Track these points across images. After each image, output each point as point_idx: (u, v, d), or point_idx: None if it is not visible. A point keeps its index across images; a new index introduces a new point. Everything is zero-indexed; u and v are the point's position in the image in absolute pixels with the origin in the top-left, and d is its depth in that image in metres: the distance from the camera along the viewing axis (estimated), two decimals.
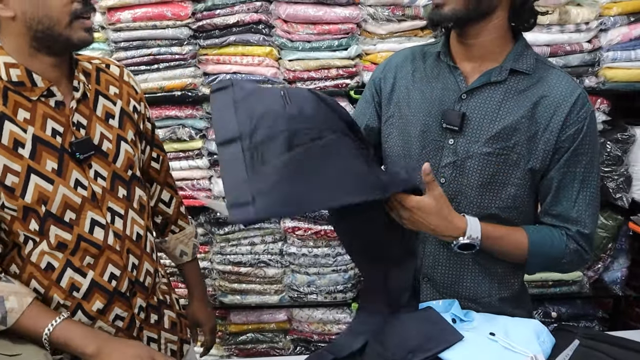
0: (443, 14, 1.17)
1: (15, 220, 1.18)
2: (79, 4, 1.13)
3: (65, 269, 1.23)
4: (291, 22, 2.13)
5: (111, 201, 1.27)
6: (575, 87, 1.22)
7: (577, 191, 1.23)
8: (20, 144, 1.15)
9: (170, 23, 2.14)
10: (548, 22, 2.16)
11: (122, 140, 1.30)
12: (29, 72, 1.16)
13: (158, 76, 2.22)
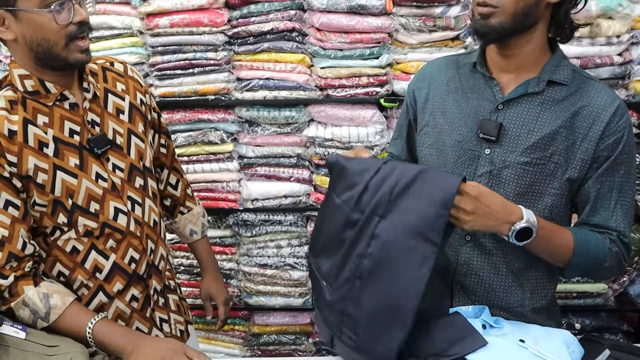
0: (490, 25, 1.19)
1: (44, 216, 1.27)
2: (74, 27, 1.20)
3: (90, 252, 1.33)
4: (324, 31, 2.17)
5: (130, 191, 1.38)
6: (614, 98, 1.23)
7: (615, 201, 1.25)
8: (45, 144, 1.24)
9: (206, 29, 2.19)
10: (579, 35, 2.16)
11: (132, 133, 1.40)
12: (41, 82, 1.25)
13: (192, 80, 2.27)
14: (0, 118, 1.19)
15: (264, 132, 2.32)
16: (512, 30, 1.19)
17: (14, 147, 1.20)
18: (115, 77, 1.42)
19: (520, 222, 1.14)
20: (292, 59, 2.22)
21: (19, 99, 1.23)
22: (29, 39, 1.18)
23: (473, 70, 1.33)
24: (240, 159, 2.39)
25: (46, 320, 1.23)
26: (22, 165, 1.21)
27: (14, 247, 1.22)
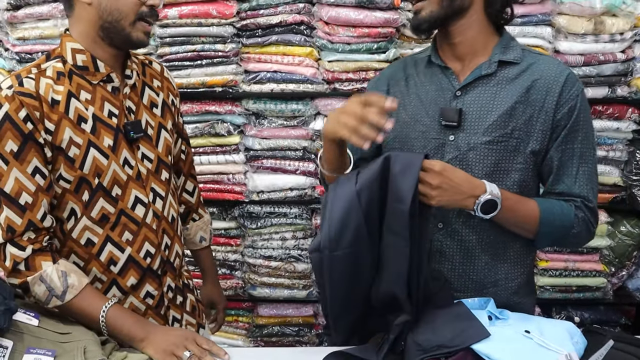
0: (422, 18, 1.26)
1: (67, 193, 1.27)
2: (147, 8, 1.24)
3: (106, 244, 1.32)
4: (332, 24, 2.19)
5: (154, 182, 1.38)
6: (564, 68, 1.29)
7: (577, 167, 1.29)
8: (84, 119, 1.25)
9: (215, 21, 2.20)
10: (583, 32, 2.19)
11: (162, 128, 1.42)
12: (93, 59, 1.27)
13: (200, 72, 2.28)
14: (46, 86, 1.22)
15: (270, 124, 2.34)
16: (444, 16, 1.26)
17: (54, 116, 1.21)
18: (152, 74, 1.46)
19: (484, 195, 1.18)
20: (300, 52, 2.24)
21: (66, 72, 1.26)
22: (104, 5, 1.22)
23: (429, 64, 1.38)
24: (246, 151, 2.41)
25: (61, 298, 1.22)
26: (57, 135, 1.22)
27: (34, 216, 1.21)
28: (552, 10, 2.18)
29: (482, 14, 1.29)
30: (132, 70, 1.35)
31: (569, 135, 1.27)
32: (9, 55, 2.35)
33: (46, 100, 1.20)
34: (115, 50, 1.29)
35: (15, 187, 1.20)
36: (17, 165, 1.19)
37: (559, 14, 2.20)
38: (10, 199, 1.20)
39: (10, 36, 2.33)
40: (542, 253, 2.47)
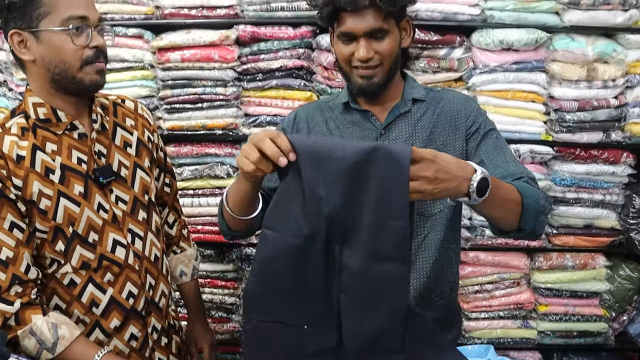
0: (375, 84, 1.36)
1: (45, 243, 1.27)
2: (90, 51, 1.25)
3: (87, 285, 1.32)
4: (331, 69, 2.23)
5: (131, 223, 1.38)
6: (462, 94, 1.49)
7: (504, 154, 1.38)
8: (51, 170, 1.26)
9: (216, 65, 2.24)
10: (577, 78, 2.24)
11: (138, 167, 1.43)
12: (53, 110, 1.28)
13: (201, 115, 2.31)
14: (10, 143, 1.23)
15: None
16: (389, 80, 1.39)
17: (20, 172, 1.22)
18: (125, 113, 1.46)
19: (476, 174, 1.06)
20: (300, 96, 2.28)
21: (30, 127, 1.27)
22: (47, 59, 1.23)
23: (346, 109, 1.47)
24: None
25: (52, 351, 1.22)
26: (26, 189, 1.23)
27: (18, 270, 1.22)
28: (546, 58, 2.24)
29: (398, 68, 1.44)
30: (97, 114, 1.35)
31: (485, 136, 1.40)
32: (12, 95, 2.37)
33: (11, 157, 1.22)
34: (74, 97, 1.30)
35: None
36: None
37: (552, 61, 2.25)
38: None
39: (14, 77, 2.35)
40: (542, 297, 2.45)
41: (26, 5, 1.19)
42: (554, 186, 2.34)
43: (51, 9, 1.20)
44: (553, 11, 2.20)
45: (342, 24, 1.33)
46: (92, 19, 1.25)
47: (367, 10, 1.29)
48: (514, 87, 2.27)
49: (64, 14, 1.21)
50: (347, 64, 1.37)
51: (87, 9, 1.25)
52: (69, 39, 1.21)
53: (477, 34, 2.22)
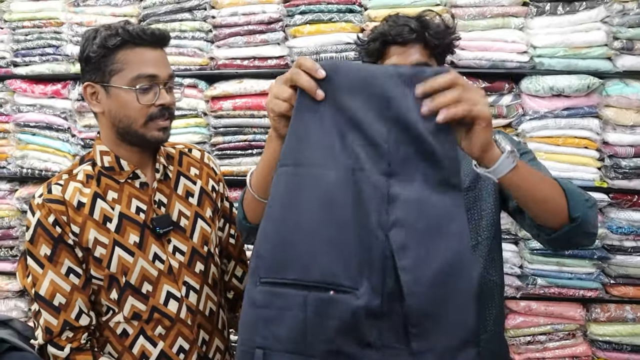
0: None
1: (101, 290, 1.29)
2: (155, 109, 1.27)
3: (138, 337, 1.31)
4: None
5: (187, 275, 1.35)
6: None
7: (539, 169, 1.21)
8: (109, 219, 1.29)
9: (266, 113, 2.30)
10: (632, 124, 2.19)
11: (199, 217, 1.40)
12: (117, 159, 1.32)
13: (251, 161, 2.37)
14: (74, 190, 1.28)
15: None
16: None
17: (79, 218, 1.26)
18: (190, 162, 1.47)
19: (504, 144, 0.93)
20: None
21: (95, 174, 1.31)
22: (114, 113, 1.27)
23: None
24: None
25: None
26: (83, 236, 1.26)
27: (69, 316, 1.25)
28: (598, 103, 2.20)
29: None
30: (160, 164, 1.37)
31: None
32: (74, 141, 2.51)
33: (71, 204, 1.26)
34: (138, 148, 1.32)
35: (50, 289, 1.25)
36: (51, 267, 1.25)
37: (606, 107, 2.21)
38: (46, 301, 1.25)
39: (78, 124, 2.49)
40: (600, 350, 2.34)
41: (101, 61, 1.25)
42: (610, 234, 2.26)
43: (123, 66, 1.24)
44: (605, 57, 2.17)
45: (389, 58, 1.32)
46: (162, 76, 1.28)
47: (414, 46, 1.30)
48: (566, 133, 2.23)
49: (135, 72, 1.24)
50: None
51: (157, 68, 1.27)
52: (136, 97, 1.25)
53: (526, 81, 2.21)
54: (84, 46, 1.27)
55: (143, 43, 1.26)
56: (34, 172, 2.57)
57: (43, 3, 2.48)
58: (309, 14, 2.26)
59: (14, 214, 2.62)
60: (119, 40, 1.23)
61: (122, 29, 1.23)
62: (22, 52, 2.52)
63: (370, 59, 1.36)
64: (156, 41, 1.28)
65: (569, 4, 2.16)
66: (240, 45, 2.32)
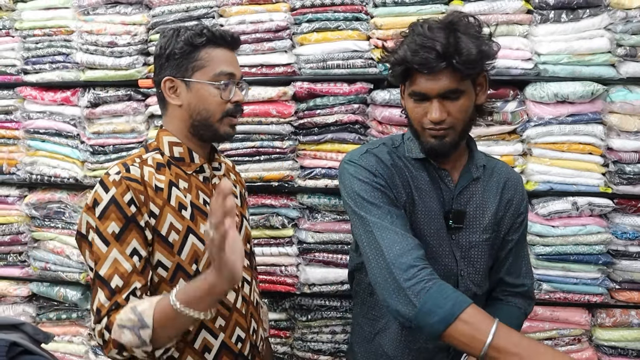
0: (446, 144, 1.29)
1: (162, 282, 1.29)
2: (231, 105, 1.36)
3: (200, 330, 1.33)
4: (385, 124, 2.28)
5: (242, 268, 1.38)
6: (514, 171, 1.52)
7: (524, 247, 1.52)
8: (184, 207, 1.33)
9: (274, 120, 2.33)
10: (636, 130, 2.20)
11: (243, 217, 1.51)
12: (189, 151, 1.38)
13: (258, 167, 2.39)
14: (149, 173, 1.31)
15: (323, 218, 2.39)
16: (461, 140, 1.33)
17: (158, 201, 1.29)
18: (229, 168, 1.58)
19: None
20: None
21: (165, 163, 1.36)
22: (193, 106, 1.35)
23: (419, 163, 1.38)
24: (299, 244, 2.45)
25: (146, 326, 1.14)
26: (160, 220, 1.28)
27: (121, 297, 1.19)
28: (602, 109, 2.22)
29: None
30: (220, 162, 1.47)
31: (523, 223, 1.47)
32: (83, 148, 2.53)
33: (150, 185, 1.29)
34: (204, 143, 1.41)
35: (111, 270, 1.21)
36: (117, 246, 1.22)
37: (610, 113, 2.23)
38: (104, 282, 1.21)
39: (87, 130, 2.52)
40: (605, 356, 2.35)
41: (184, 57, 1.34)
42: (615, 239, 2.27)
43: (206, 63, 1.34)
44: (609, 63, 2.19)
45: (414, 83, 1.26)
46: (238, 75, 1.39)
47: (443, 72, 1.22)
48: (570, 139, 2.25)
49: (216, 69, 1.34)
50: (419, 123, 1.31)
51: (234, 67, 1.38)
52: (217, 92, 1.34)
53: (530, 87, 2.23)
54: (165, 43, 1.35)
55: (223, 44, 1.37)
56: (43, 178, 2.59)
57: (54, 12, 2.51)
58: (316, 22, 2.29)
59: (23, 220, 2.65)
60: (204, 39, 1.34)
61: (207, 30, 1.35)
62: (33, 60, 2.55)
63: (397, 82, 1.33)
64: (233, 43, 1.40)
65: (572, 12, 2.18)
66: (247, 53, 2.35)
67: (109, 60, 2.44)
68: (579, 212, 2.24)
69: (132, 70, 2.43)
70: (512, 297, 1.51)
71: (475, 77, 1.28)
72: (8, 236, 2.66)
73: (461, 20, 1.24)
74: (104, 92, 2.48)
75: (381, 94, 2.25)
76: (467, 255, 1.39)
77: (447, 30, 1.21)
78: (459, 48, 1.19)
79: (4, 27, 2.57)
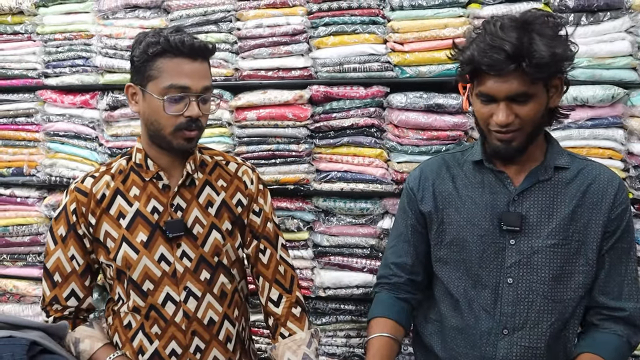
0: (514, 148, 1.27)
1: (115, 279, 1.39)
2: (184, 119, 1.30)
3: (138, 332, 1.38)
4: (402, 127, 2.27)
5: (190, 281, 1.37)
6: (614, 174, 1.37)
7: (626, 265, 1.35)
8: (123, 215, 1.36)
9: (290, 123, 2.33)
10: None
11: (214, 227, 1.42)
12: (145, 157, 1.38)
13: (274, 170, 2.39)
14: (103, 183, 1.38)
15: (339, 222, 2.38)
16: (528, 144, 1.29)
17: (97, 210, 1.36)
18: (221, 174, 1.48)
19: None
20: (370, 154, 2.32)
21: (126, 169, 1.40)
22: (147, 116, 1.34)
23: (477, 167, 1.39)
24: (314, 248, 2.44)
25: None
26: (97, 228, 1.36)
27: (60, 293, 1.38)
28: (623, 114, 2.18)
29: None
30: (186, 170, 1.39)
31: (621, 236, 1.33)
32: (102, 150, 2.56)
33: (95, 197, 1.36)
34: (165, 151, 1.37)
35: (54, 265, 1.40)
36: (61, 247, 1.38)
37: (630, 117, 2.19)
38: (48, 274, 1.40)
39: (105, 133, 2.55)
40: None
41: (141, 65, 1.31)
42: (637, 246, 2.23)
43: (159, 74, 1.29)
44: (630, 67, 2.16)
45: (482, 84, 1.22)
46: (194, 89, 1.30)
47: (512, 74, 1.17)
48: (590, 143, 2.21)
49: (167, 82, 1.28)
50: (485, 124, 1.28)
51: (191, 80, 1.29)
52: (162, 106, 1.29)
53: None
54: (132, 48, 1.35)
55: (181, 54, 1.29)
56: (62, 180, 2.62)
57: (74, 16, 2.54)
58: (332, 25, 2.29)
59: (42, 221, 2.68)
60: (158, 48, 1.28)
61: (164, 38, 1.28)
62: (53, 64, 2.59)
63: (465, 81, 1.31)
64: (195, 53, 1.30)
65: (592, 15, 2.15)
66: (264, 56, 2.36)
67: (127, 64, 2.42)
68: None
69: None
70: (610, 323, 1.35)
71: (549, 80, 1.23)
72: (28, 237, 2.70)
73: (537, 20, 1.18)
74: (123, 96, 2.50)
75: (398, 97, 2.24)
76: (529, 261, 1.32)
77: (520, 30, 1.16)
78: (530, 50, 1.14)
79: (26, 32, 2.61)
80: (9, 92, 2.67)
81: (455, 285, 1.41)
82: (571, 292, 1.32)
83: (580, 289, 1.32)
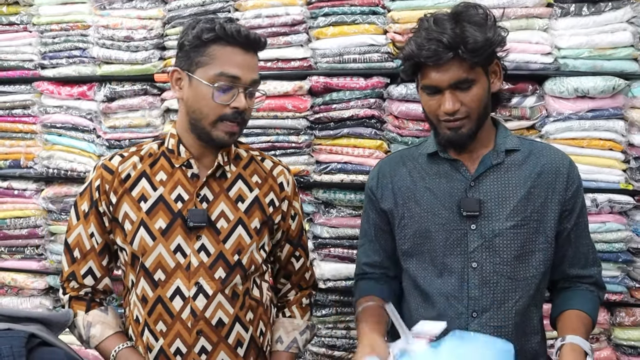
0: (463, 134, 1.33)
1: (127, 265, 1.38)
2: (229, 110, 1.28)
3: (145, 328, 1.36)
4: (402, 119, 2.26)
5: (203, 277, 1.32)
6: (563, 153, 1.45)
7: (587, 235, 1.47)
8: (145, 198, 1.34)
9: (290, 114, 2.32)
10: None
11: (241, 224, 1.37)
12: (178, 143, 1.36)
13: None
14: (130, 164, 1.36)
15: (339, 213, 2.38)
16: (478, 129, 1.34)
17: (120, 189, 1.34)
18: (256, 170, 1.45)
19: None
20: (370, 145, 2.31)
21: (156, 153, 1.38)
22: (190, 103, 1.31)
23: (432, 158, 1.44)
24: (314, 239, 2.43)
25: (87, 344, 1.36)
26: (117, 208, 1.34)
27: (78, 270, 1.38)
28: (624, 105, 2.18)
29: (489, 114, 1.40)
30: (218, 162, 1.37)
31: (580, 211, 1.43)
32: (99, 142, 2.54)
33: (120, 176, 1.34)
34: (201, 142, 1.35)
35: (75, 241, 1.40)
36: (83, 223, 1.38)
37: (631, 108, 2.18)
38: (68, 249, 1.39)
39: (103, 124, 2.53)
40: (624, 355, 2.31)
41: (192, 50, 1.29)
42: (636, 237, 2.23)
43: (210, 61, 1.27)
44: (631, 58, 2.15)
45: (425, 77, 1.29)
46: (244, 80, 1.28)
47: (451, 62, 1.25)
48: (590, 135, 2.21)
49: (218, 69, 1.26)
50: (434, 115, 1.34)
51: (242, 70, 1.28)
52: (212, 93, 1.26)
53: (550, 82, 2.19)
54: (183, 33, 1.32)
55: (235, 43, 1.28)
56: (59, 172, 2.60)
57: (70, 7, 2.52)
58: (332, 15, 2.27)
59: (40, 213, 2.66)
60: (212, 35, 1.27)
61: (219, 25, 1.27)
62: (50, 55, 2.56)
63: (408, 77, 1.37)
64: (249, 44, 1.30)
65: (594, 5, 2.14)
66: None
67: (125, 55, 2.44)
68: (598, 209, 2.20)
69: (148, 65, 2.43)
70: (581, 285, 1.48)
71: (487, 65, 1.31)
72: (25, 229, 2.68)
73: (467, 10, 1.27)
74: (120, 87, 2.48)
75: (398, 88, 2.22)
76: (491, 244, 1.37)
77: (452, 22, 1.24)
78: (464, 37, 1.22)
79: (21, 23, 2.58)
80: (5, 84, 2.65)
81: (422, 277, 1.45)
82: (533, 270, 1.38)
83: (541, 266, 1.38)
